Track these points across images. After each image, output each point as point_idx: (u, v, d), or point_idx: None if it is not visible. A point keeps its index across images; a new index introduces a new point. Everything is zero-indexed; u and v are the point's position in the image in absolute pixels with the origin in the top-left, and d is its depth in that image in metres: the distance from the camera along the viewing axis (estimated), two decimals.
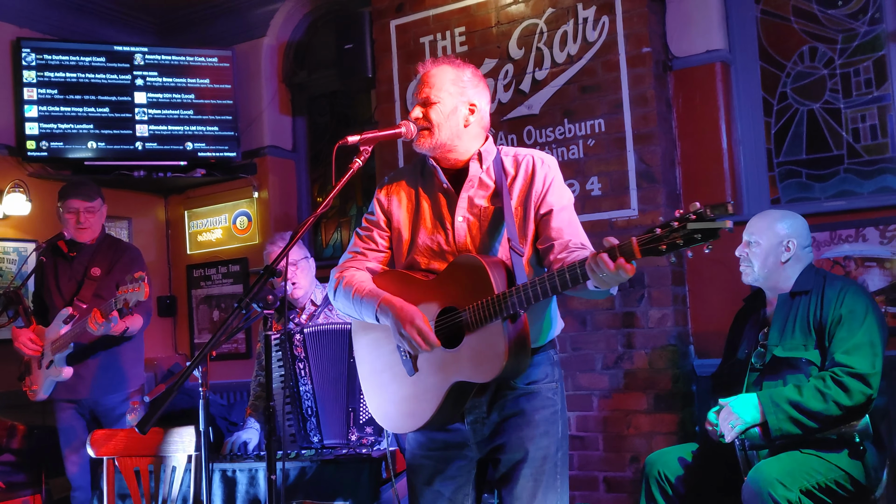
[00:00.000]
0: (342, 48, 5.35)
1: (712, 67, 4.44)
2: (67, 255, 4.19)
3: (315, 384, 3.47)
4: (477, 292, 2.23)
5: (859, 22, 4.30)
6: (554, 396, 2.42)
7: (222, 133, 5.82)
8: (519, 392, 2.38)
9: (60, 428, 4.17)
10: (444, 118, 2.42)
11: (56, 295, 4.16)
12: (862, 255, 4.04)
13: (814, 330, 3.05)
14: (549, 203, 2.38)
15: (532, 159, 2.44)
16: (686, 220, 1.86)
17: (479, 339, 2.23)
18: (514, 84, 4.66)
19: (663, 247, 1.89)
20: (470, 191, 2.44)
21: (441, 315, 2.32)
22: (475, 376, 2.23)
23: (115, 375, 4.12)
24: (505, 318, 2.18)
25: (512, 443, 2.37)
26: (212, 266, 6.20)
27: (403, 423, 2.44)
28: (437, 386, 2.31)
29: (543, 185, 2.40)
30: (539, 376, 2.40)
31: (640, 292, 4.29)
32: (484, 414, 2.38)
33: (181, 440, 3.07)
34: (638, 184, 4.32)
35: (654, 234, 1.90)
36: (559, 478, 2.41)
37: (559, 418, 2.42)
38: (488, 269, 2.23)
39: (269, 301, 2.25)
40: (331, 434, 3.46)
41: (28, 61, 5.43)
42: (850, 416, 2.93)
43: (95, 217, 4.17)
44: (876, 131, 4.25)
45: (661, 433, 4.19)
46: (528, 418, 2.37)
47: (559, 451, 2.41)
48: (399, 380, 2.42)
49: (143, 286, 3.54)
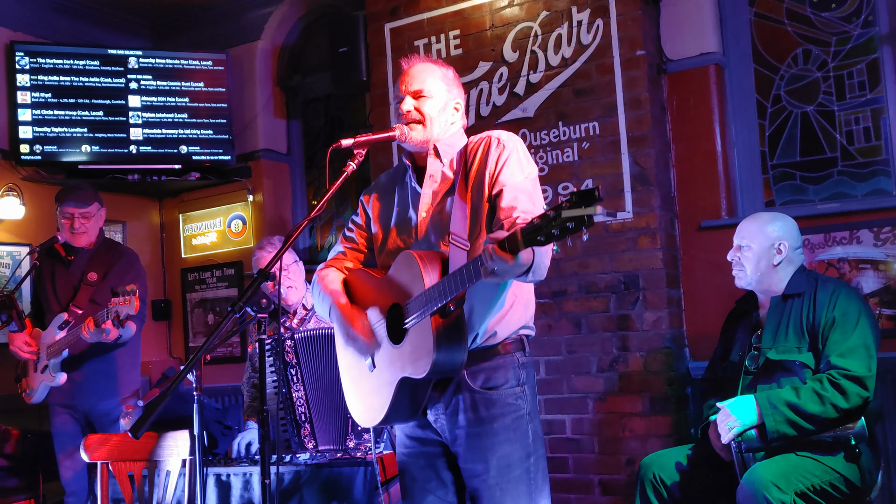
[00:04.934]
0: (337, 51, 5.34)
1: (706, 70, 4.45)
2: (65, 259, 4.18)
3: (308, 390, 3.45)
4: (413, 288, 2.22)
5: (853, 25, 4.32)
6: (517, 401, 2.34)
7: (217, 136, 5.81)
8: (478, 396, 2.32)
9: (55, 432, 4.16)
10: (436, 112, 2.43)
11: (53, 299, 4.15)
12: (856, 257, 4.04)
13: (807, 332, 3.06)
14: (500, 182, 2.27)
15: (488, 140, 2.37)
16: (560, 209, 1.78)
17: (414, 334, 2.22)
18: (509, 87, 4.67)
19: (541, 237, 1.80)
20: (432, 186, 2.41)
21: (390, 311, 2.33)
22: (414, 372, 2.22)
23: (110, 381, 4.11)
24: (433, 313, 2.14)
25: (471, 453, 2.33)
26: (206, 269, 6.19)
27: (367, 418, 2.44)
28: (388, 381, 2.31)
29: (496, 165, 2.30)
30: (499, 381, 2.33)
31: (634, 295, 4.29)
32: (443, 413, 2.36)
33: (175, 444, 3.06)
34: (632, 186, 4.32)
35: (534, 225, 1.82)
36: (533, 484, 2.34)
37: (526, 423, 2.35)
38: (420, 263, 2.20)
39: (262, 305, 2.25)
40: (326, 440, 3.43)
41: (22, 65, 5.41)
42: (847, 419, 2.94)
43: (91, 222, 4.16)
44: (869, 134, 4.26)
45: (657, 436, 4.19)
46: (486, 427, 2.31)
47: (531, 456, 2.34)
48: (364, 375, 2.43)
49: (134, 300, 3.59)
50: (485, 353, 2.32)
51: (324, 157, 6.11)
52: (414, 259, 2.23)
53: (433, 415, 2.39)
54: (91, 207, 4.15)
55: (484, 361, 2.32)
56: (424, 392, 2.33)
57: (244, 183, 5.97)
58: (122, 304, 3.59)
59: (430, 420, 2.40)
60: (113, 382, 4.12)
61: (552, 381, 4.45)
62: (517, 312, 2.37)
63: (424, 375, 2.18)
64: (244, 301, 2.23)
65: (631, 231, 4.31)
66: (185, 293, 6.26)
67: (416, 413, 2.38)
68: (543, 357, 4.47)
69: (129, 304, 3.60)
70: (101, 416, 4.10)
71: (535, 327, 2.46)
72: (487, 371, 2.32)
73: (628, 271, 4.31)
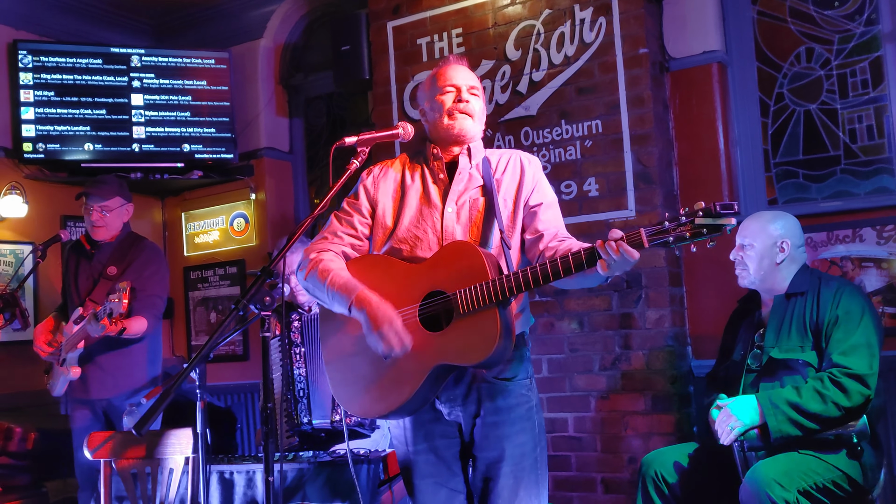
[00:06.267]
0: (339, 50, 5.34)
1: (709, 68, 4.45)
2: (88, 253, 4.19)
3: (308, 368, 3.62)
4: (469, 277, 2.25)
5: (855, 23, 4.31)
6: (528, 393, 2.46)
7: (219, 135, 5.81)
8: (494, 387, 2.39)
9: (74, 428, 4.15)
10: (481, 111, 2.55)
11: (74, 292, 4.17)
12: (859, 255, 4.04)
13: (810, 331, 3.06)
14: (538, 198, 2.50)
15: (520, 158, 2.57)
16: (694, 216, 2.04)
17: (469, 322, 2.24)
18: (511, 85, 4.66)
19: (671, 238, 2.06)
20: (461, 183, 2.49)
21: (426, 298, 2.34)
22: (460, 359, 2.25)
23: (125, 375, 4.10)
24: (499, 303, 2.21)
25: (489, 441, 2.40)
26: (209, 268, 6.19)
27: (373, 408, 2.42)
28: (416, 370, 2.30)
29: (533, 182, 2.51)
30: (514, 372, 2.43)
31: (637, 293, 4.29)
32: (459, 404, 2.40)
33: (178, 442, 3.06)
34: (635, 185, 4.32)
35: (663, 227, 2.07)
36: (539, 473, 2.44)
37: (535, 414, 2.45)
38: (483, 255, 2.27)
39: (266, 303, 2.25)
40: (318, 415, 3.62)
41: (24, 63, 5.42)
42: (849, 417, 2.93)
43: (111, 216, 4.15)
44: (872, 132, 4.26)
45: (659, 434, 4.19)
46: (503, 416, 2.39)
47: (537, 446, 2.45)
48: (374, 364, 2.39)
49: (122, 298, 3.57)
50: None
51: (326, 156, 6.13)
52: (475, 249, 2.29)
53: (447, 407, 2.43)
54: (111, 201, 4.13)
55: None
56: (442, 384, 2.37)
57: (246, 181, 5.97)
58: (114, 301, 3.59)
59: (444, 413, 2.44)
60: (129, 377, 4.10)
61: (555, 379, 4.45)
62: (528, 311, 2.50)
63: (477, 363, 2.23)
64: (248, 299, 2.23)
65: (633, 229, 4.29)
66: (188, 291, 6.26)
67: (426, 405, 2.41)
68: (546, 355, 4.47)
69: (118, 303, 3.56)
70: (118, 411, 4.09)
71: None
72: (501, 363, 2.38)
73: (630, 269, 4.30)
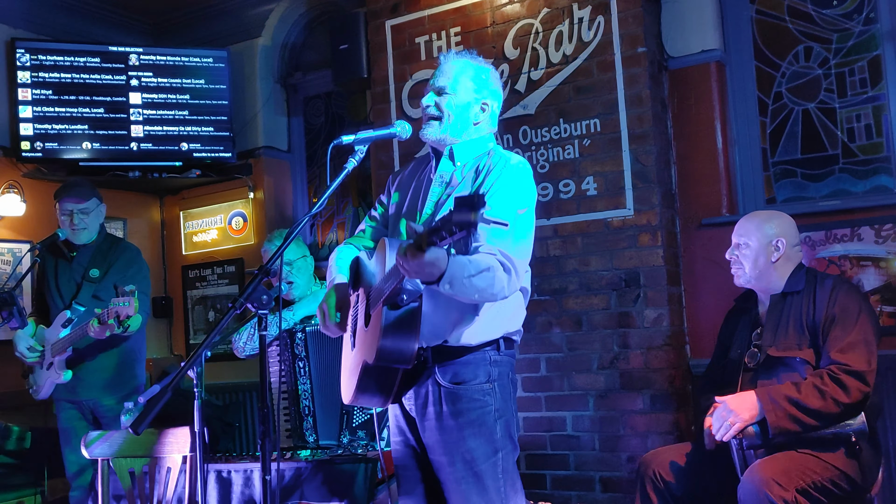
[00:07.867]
0: (337, 49, 5.34)
1: (707, 67, 4.45)
2: (67, 256, 4.20)
3: (314, 384, 3.51)
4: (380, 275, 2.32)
5: (854, 21, 4.31)
6: (485, 397, 2.37)
7: (217, 134, 5.81)
8: (444, 390, 2.37)
9: (61, 428, 4.17)
10: (457, 111, 2.46)
11: (56, 295, 4.17)
12: (857, 254, 4.04)
13: (807, 329, 3.05)
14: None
15: (499, 160, 2.42)
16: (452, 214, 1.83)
17: (374, 320, 2.27)
18: (510, 84, 4.66)
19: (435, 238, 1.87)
20: (440, 185, 2.47)
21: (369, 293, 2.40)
22: (367, 357, 2.26)
23: (114, 376, 4.12)
24: (385, 304, 2.17)
25: (436, 445, 2.38)
26: (207, 267, 6.19)
27: (346, 395, 2.53)
28: (357, 364, 2.37)
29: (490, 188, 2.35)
30: (467, 377, 2.37)
31: (635, 292, 4.29)
32: (414, 405, 2.42)
33: (176, 441, 3.05)
34: (633, 183, 4.32)
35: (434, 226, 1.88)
36: (504, 480, 2.36)
37: (493, 419, 2.37)
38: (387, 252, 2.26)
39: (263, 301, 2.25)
40: (326, 435, 3.48)
41: (22, 62, 5.41)
42: (848, 414, 2.93)
43: (90, 217, 4.17)
44: (871, 131, 4.26)
45: (657, 433, 4.19)
46: (450, 421, 2.35)
47: (499, 451, 2.37)
48: (348, 354, 2.52)
49: (132, 302, 3.61)
50: (456, 351, 2.37)
51: (324, 155, 6.12)
52: (385, 247, 2.30)
53: (409, 403, 2.45)
54: (89, 203, 4.16)
55: (455, 357, 2.37)
56: (389, 380, 2.36)
57: (245, 180, 5.96)
58: (121, 305, 3.62)
59: (408, 409, 2.46)
60: (117, 377, 4.13)
61: (553, 378, 4.45)
62: (493, 323, 2.39)
63: (372, 362, 2.22)
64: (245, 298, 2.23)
65: (632, 228, 4.31)
66: (186, 290, 6.26)
67: (387, 400, 2.42)
68: (544, 354, 4.47)
69: (130, 306, 3.63)
70: (106, 410, 4.11)
71: (522, 330, 2.51)
72: (457, 366, 2.37)
73: (629, 268, 4.31)
